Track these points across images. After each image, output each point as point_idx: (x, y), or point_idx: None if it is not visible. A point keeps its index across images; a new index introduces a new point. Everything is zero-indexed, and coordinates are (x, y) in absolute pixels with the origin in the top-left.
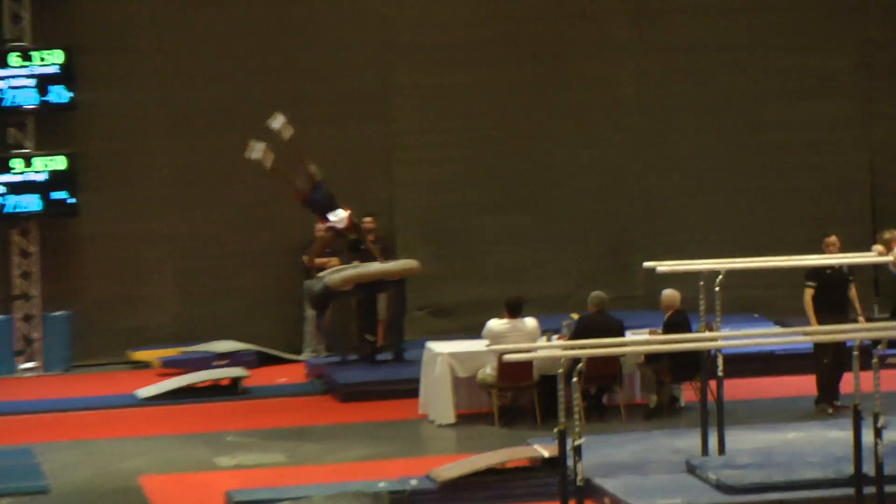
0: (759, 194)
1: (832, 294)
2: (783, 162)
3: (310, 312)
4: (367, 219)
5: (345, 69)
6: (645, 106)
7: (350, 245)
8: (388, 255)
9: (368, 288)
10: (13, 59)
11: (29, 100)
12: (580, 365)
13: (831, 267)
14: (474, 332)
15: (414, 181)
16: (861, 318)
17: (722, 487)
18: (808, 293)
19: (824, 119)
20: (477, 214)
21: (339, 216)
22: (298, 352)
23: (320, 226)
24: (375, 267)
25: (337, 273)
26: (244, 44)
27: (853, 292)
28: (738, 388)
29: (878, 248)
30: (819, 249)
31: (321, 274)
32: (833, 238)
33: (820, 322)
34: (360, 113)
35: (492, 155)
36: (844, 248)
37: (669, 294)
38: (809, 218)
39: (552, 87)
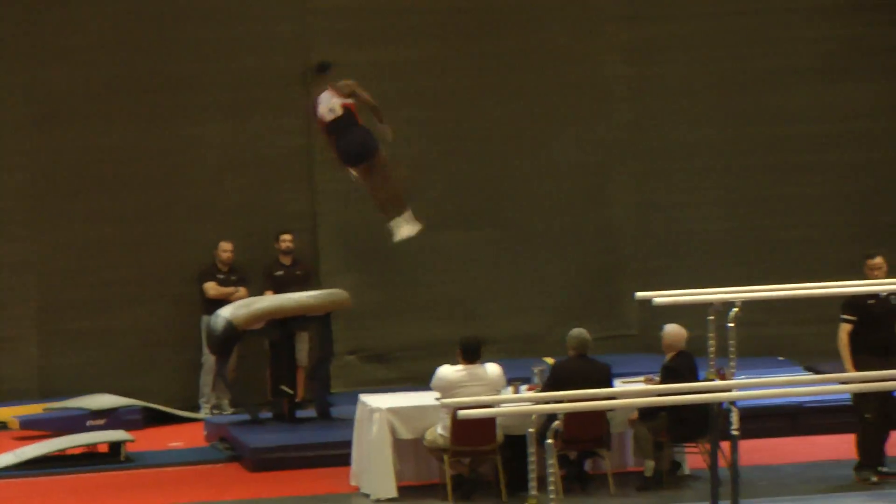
0: (782, 203)
1: (876, 331)
2: (811, 161)
3: (209, 358)
4: (285, 237)
5: (253, 45)
6: (638, 91)
7: (265, 270)
8: (310, 282)
9: (285, 326)
10: None
11: None
12: (556, 423)
13: (875, 296)
14: (420, 382)
15: (341, 189)
16: None
17: None
18: (845, 329)
19: (862, 105)
20: (422, 232)
21: None
22: (196, 408)
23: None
24: (294, 299)
25: (244, 307)
26: (126, 15)
27: None
28: (758, 452)
29: None
30: (861, 274)
31: (223, 309)
32: (879, 260)
33: (860, 366)
34: (273, 101)
35: (441, 155)
36: (894, 272)
37: (672, 331)
38: (847, 233)
39: (519, 67)
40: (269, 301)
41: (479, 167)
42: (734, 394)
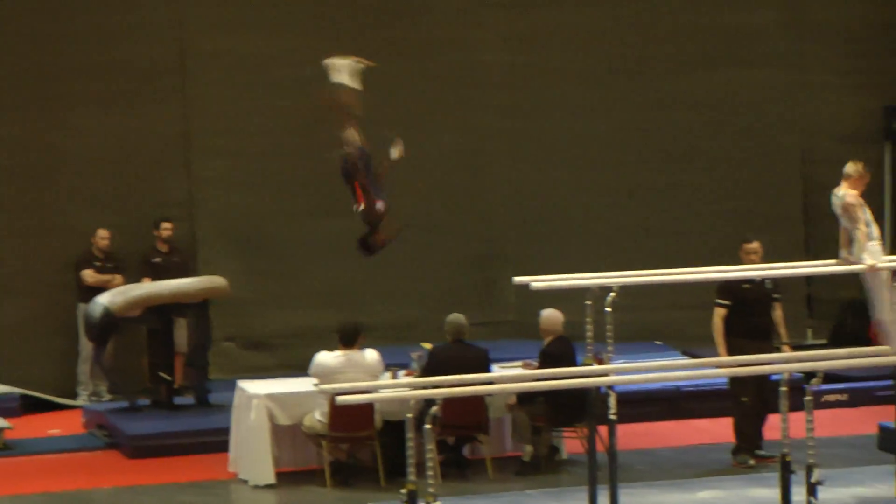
0: (662, 190)
1: (751, 315)
2: (692, 147)
3: (87, 345)
4: (166, 225)
5: (129, 34)
6: (518, 76)
7: (143, 257)
8: (188, 269)
9: (162, 313)
10: None
11: None
12: (435, 408)
13: (751, 281)
14: (298, 368)
15: (219, 177)
16: (786, 347)
17: None
18: (719, 314)
19: (744, 92)
20: (299, 219)
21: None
22: (73, 395)
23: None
24: (171, 286)
25: (121, 294)
26: (2, 5)
27: (778, 314)
28: (636, 436)
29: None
30: (737, 259)
31: (101, 296)
32: (755, 244)
33: (735, 350)
34: (150, 89)
35: (318, 144)
36: (769, 257)
37: (549, 316)
38: (724, 221)
39: (396, 54)
40: (147, 288)
41: None
42: (612, 378)
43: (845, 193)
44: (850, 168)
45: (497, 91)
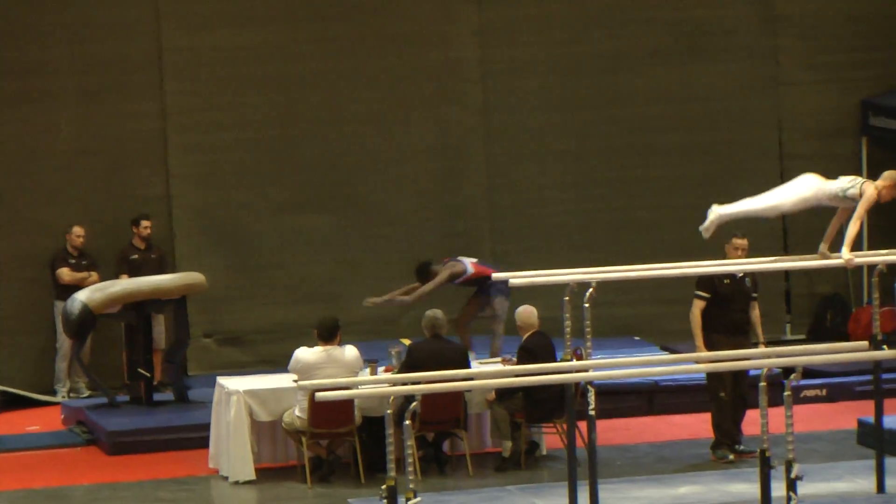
0: (633, 185)
1: (729, 311)
2: (669, 142)
3: (65, 342)
4: (145, 222)
5: (105, 29)
6: (490, 72)
7: (120, 254)
8: (165, 266)
9: (141, 309)
10: None
11: None
12: (414, 404)
13: (731, 276)
14: (277, 364)
15: (196, 173)
16: (762, 346)
17: None
18: (698, 306)
19: (720, 86)
20: (278, 214)
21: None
22: (52, 392)
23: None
24: (149, 282)
25: (99, 291)
26: None
27: (755, 313)
28: (615, 431)
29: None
30: (719, 255)
31: (79, 293)
32: (744, 241)
33: (714, 346)
34: (126, 85)
35: (294, 138)
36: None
37: (524, 312)
38: (697, 215)
39: (368, 50)
40: (125, 284)
41: (333, 151)
42: (591, 374)
43: (873, 187)
44: (891, 175)
45: (468, 85)
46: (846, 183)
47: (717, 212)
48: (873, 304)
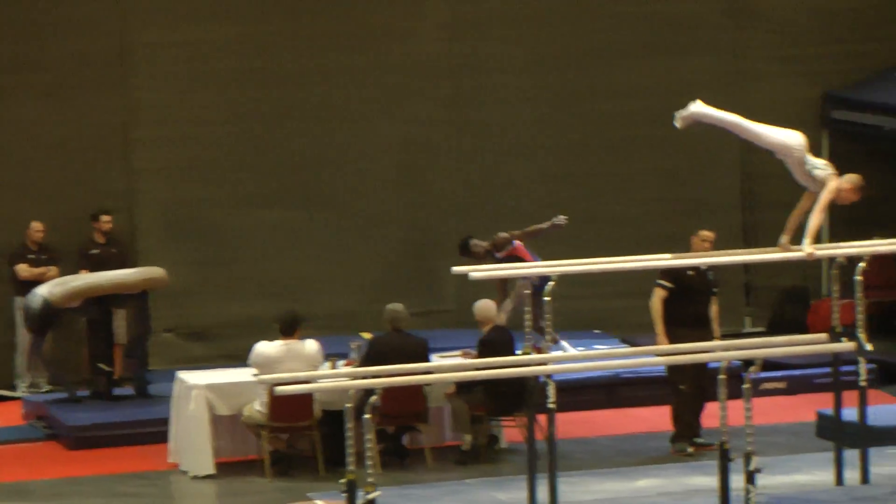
0: (602, 177)
1: (691, 303)
2: (632, 135)
3: (25, 337)
4: (105, 217)
5: (68, 25)
6: (457, 67)
7: (80, 249)
8: (126, 260)
9: (102, 304)
10: None
11: None
12: (374, 397)
13: (696, 268)
14: (238, 358)
15: (159, 167)
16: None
17: None
18: (659, 295)
19: (683, 80)
20: (239, 210)
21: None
22: (12, 387)
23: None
24: (110, 277)
25: (60, 285)
26: None
27: (715, 308)
28: (575, 424)
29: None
30: (683, 247)
31: (40, 287)
32: (709, 233)
33: (675, 338)
34: (89, 81)
35: (259, 133)
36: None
37: (483, 306)
38: (663, 209)
39: (336, 45)
40: (86, 279)
41: (296, 146)
42: (550, 367)
43: (837, 182)
44: (856, 179)
45: (437, 80)
46: (819, 163)
47: (697, 109)
48: (833, 296)
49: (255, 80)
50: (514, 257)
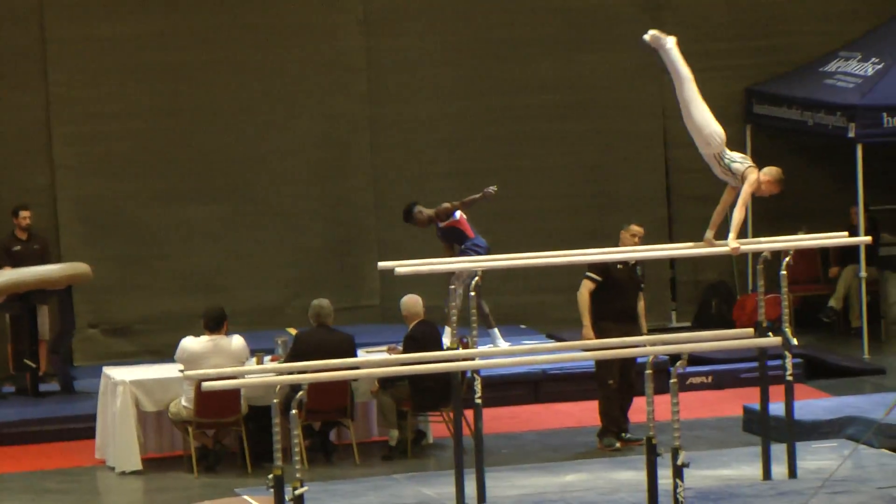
0: (526, 174)
1: (619, 297)
2: (556, 131)
3: None
4: (24, 213)
5: None
6: (375, 62)
7: (1, 246)
8: (48, 256)
9: (25, 300)
10: None
11: None
12: (300, 393)
13: (625, 263)
14: (164, 354)
15: (80, 163)
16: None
17: None
18: (587, 287)
19: (606, 75)
20: (162, 205)
21: None
22: None
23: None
24: (34, 272)
25: None
26: None
27: (641, 304)
28: (502, 420)
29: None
30: (607, 242)
31: None
32: (639, 228)
33: (602, 332)
34: (8, 76)
35: (180, 128)
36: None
37: (409, 301)
38: (582, 203)
39: (254, 40)
40: (8, 275)
41: (218, 140)
42: (477, 362)
43: (756, 175)
44: (776, 172)
45: (354, 76)
46: (737, 157)
47: (666, 44)
48: (758, 291)
49: (174, 75)
50: (456, 229)
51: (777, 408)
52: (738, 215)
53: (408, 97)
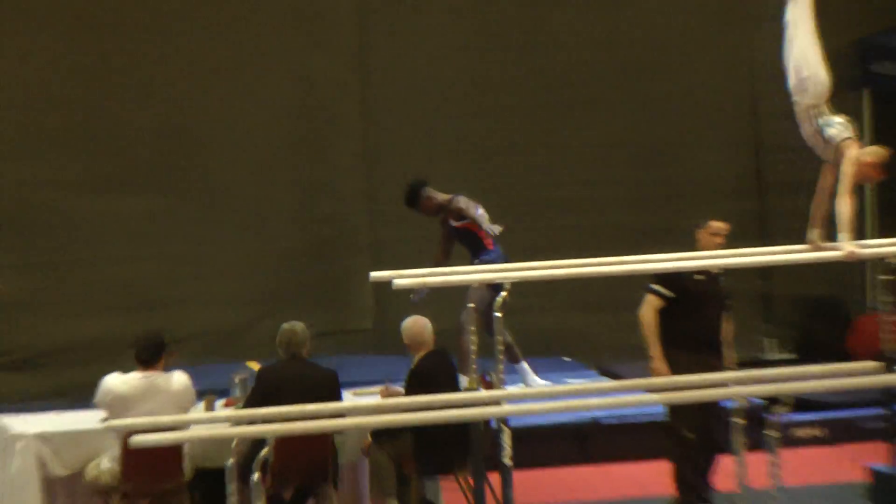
0: (564, 154)
1: (699, 317)
2: (605, 98)
3: None
4: None
5: None
6: (367, 7)
7: None
8: None
9: None
10: None
11: None
12: (265, 451)
13: (705, 272)
14: (81, 396)
15: None
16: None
17: None
18: (652, 305)
19: (672, 21)
20: (84, 197)
21: None
22: None
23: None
24: None
25: None
26: None
27: (728, 328)
28: (539, 486)
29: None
30: (678, 245)
31: None
32: (722, 224)
33: (673, 365)
34: None
35: (112, 98)
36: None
37: (413, 325)
38: (653, 193)
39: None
40: None
41: (161, 114)
42: (504, 408)
43: (857, 153)
44: (882, 153)
45: (338, 29)
46: (836, 121)
47: None
48: (883, 309)
49: (99, 28)
50: (472, 233)
51: None
52: (843, 207)
53: (409, 54)
